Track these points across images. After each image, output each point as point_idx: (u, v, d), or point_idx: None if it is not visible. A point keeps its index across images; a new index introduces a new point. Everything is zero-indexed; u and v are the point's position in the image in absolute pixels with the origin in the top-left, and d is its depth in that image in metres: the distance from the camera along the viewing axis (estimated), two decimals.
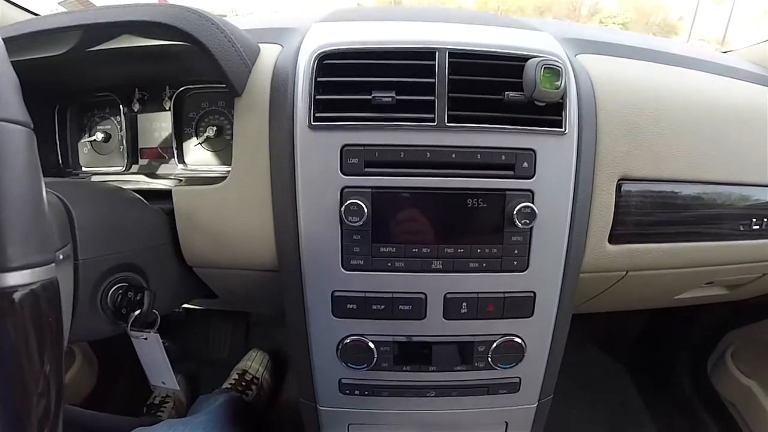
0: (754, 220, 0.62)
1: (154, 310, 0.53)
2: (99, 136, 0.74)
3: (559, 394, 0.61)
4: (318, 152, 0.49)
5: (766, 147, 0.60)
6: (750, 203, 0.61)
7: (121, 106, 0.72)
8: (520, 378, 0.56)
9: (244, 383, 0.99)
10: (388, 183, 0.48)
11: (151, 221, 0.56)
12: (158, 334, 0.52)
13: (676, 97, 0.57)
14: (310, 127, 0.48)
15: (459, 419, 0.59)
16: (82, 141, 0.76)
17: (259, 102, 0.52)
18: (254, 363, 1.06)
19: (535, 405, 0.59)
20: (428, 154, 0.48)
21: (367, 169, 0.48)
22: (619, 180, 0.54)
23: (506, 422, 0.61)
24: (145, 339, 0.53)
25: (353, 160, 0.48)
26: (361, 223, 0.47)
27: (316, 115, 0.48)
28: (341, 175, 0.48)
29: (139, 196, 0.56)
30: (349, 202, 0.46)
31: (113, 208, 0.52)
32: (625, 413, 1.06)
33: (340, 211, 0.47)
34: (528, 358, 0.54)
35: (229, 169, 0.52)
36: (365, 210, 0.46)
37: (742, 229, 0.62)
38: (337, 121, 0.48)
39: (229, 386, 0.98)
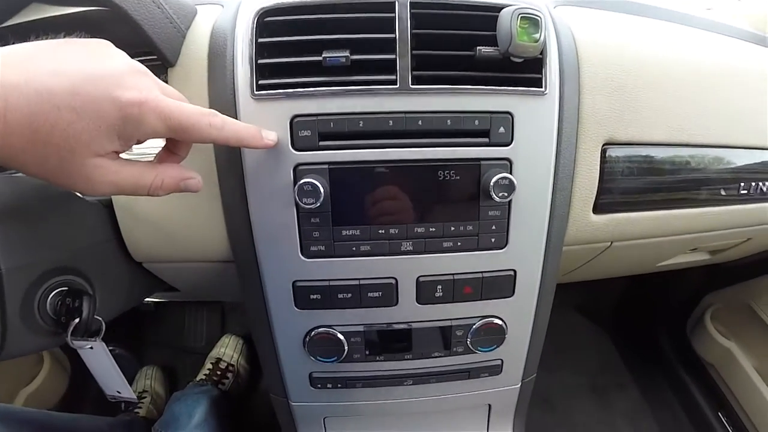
0: (741, 184, 0.58)
1: (97, 317, 0.46)
2: None
3: (540, 359, 0.57)
4: (265, 126, 0.40)
5: (757, 108, 0.55)
6: (738, 167, 0.56)
7: None
8: (502, 360, 0.51)
9: (219, 372, 0.94)
10: (347, 157, 0.41)
11: (88, 216, 0.48)
12: (104, 343, 0.46)
13: (664, 53, 0.50)
14: (254, 96, 0.40)
15: (439, 405, 0.54)
16: None
17: (195, 72, 0.44)
18: (228, 349, 0.99)
19: (519, 386, 0.55)
20: (391, 121, 0.41)
21: (321, 143, 0.41)
22: (604, 145, 0.48)
23: (489, 405, 0.57)
24: (90, 348, 0.46)
25: (305, 132, 0.41)
26: (317, 204, 0.39)
27: (260, 82, 0.40)
28: (293, 150, 0.41)
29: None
30: (302, 182, 0.39)
31: (40, 205, 0.44)
32: (606, 376, 1.04)
33: (294, 195, 0.40)
34: (510, 340, 0.49)
35: None
36: (321, 190, 0.39)
37: (728, 193, 0.57)
38: (283, 89, 0.40)
39: (204, 377, 0.92)
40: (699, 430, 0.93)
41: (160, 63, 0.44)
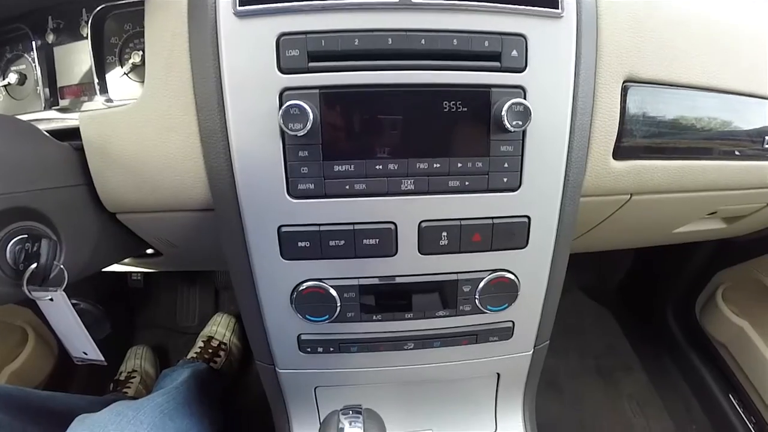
0: (766, 137, 0.51)
1: (60, 264, 0.40)
2: (13, 78, 0.58)
3: None
4: (248, 46, 0.34)
5: None
6: (765, 119, 0.50)
7: (33, 40, 0.56)
8: (513, 322, 0.44)
9: (210, 350, 0.87)
10: (340, 80, 0.34)
11: (55, 157, 0.42)
12: (64, 293, 0.39)
13: None
14: (237, 13, 0.34)
15: (443, 373, 0.47)
16: None
17: None
18: (220, 327, 0.93)
19: (531, 353, 0.48)
20: (390, 40, 0.34)
21: (311, 64, 0.34)
22: (624, 82, 0.41)
23: (498, 374, 0.49)
24: (50, 300, 0.39)
25: (293, 52, 0.34)
26: (305, 131, 0.33)
27: None
28: (279, 73, 0.34)
29: (36, 126, 0.42)
30: (288, 104, 0.33)
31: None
32: (613, 358, 0.97)
33: (279, 120, 0.33)
34: (522, 298, 0.42)
35: None
36: (309, 113, 0.32)
37: (753, 147, 0.51)
38: (269, 2, 0.33)
39: (195, 355, 0.85)
40: (709, 413, 0.85)
41: None
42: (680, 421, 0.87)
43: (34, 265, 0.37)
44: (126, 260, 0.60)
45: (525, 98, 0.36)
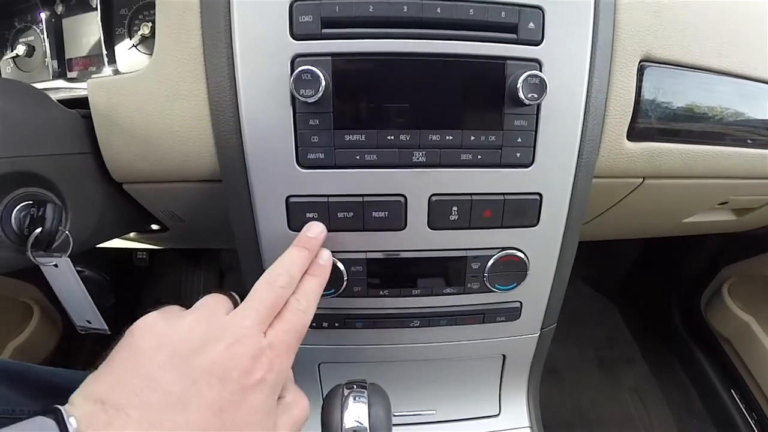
0: None
1: (66, 231, 0.39)
2: (21, 49, 0.57)
3: None
4: (260, 11, 0.34)
5: None
6: None
7: (42, 11, 0.55)
8: (521, 302, 0.44)
9: None
10: (354, 48, 0.33)
11: (63, 123, 0.41)
12: (69, 260, 0.38)
13: None
14: None
15: (448, 352, 0.46)
16: (4, 58, 0.60)
17: None
18: None
19: (537, 335, 0.47)
20: (405, 8, 0.33)
21: (325, 30, 0.33)
22: (641, 61, 0.40)
23: (503, 355, 0.49)
24: (55, 266, 0.38)
25: (306, 18, 0.33)
26: (317, 97, 0.32)
27: None
28: (291, 39, 0.33)
29: (43, 91, 0.41)
30: (300, 69, 0.32)
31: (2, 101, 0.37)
32: (614, 349, 0.96)
33: (290, 85, 0.33)
34: (531, 278, 0.41)
35: None
36: (321, 79, 0.32)
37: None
38: None
39: None
40: (710, 408, 0.85)
41: None
42: (681, 414, 0.86)
43: (38, 230, 0.37)
44: (131, 235, 0.60)
45: (541, 72, 0.35)
